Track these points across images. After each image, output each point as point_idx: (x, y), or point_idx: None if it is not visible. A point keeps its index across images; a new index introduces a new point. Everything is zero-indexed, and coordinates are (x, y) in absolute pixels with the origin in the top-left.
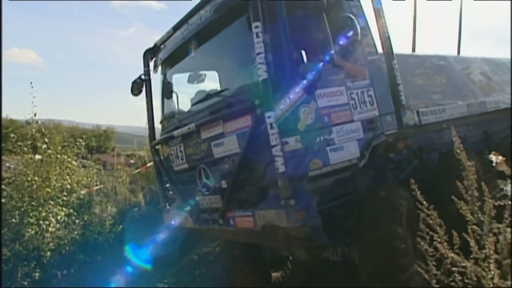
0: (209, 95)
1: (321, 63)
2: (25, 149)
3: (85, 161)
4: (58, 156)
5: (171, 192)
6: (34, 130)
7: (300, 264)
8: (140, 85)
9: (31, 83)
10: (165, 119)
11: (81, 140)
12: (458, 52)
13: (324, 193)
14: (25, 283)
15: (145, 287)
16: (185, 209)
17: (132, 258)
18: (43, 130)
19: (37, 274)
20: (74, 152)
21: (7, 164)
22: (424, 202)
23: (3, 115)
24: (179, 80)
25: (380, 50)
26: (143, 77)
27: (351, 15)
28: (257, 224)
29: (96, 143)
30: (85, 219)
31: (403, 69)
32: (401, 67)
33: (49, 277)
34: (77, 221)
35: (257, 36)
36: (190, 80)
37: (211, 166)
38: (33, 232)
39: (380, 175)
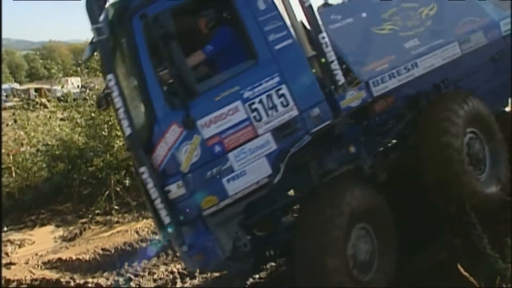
0: None
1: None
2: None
3: None
4: None
5: None
6: None
7: None
8: None
9: None
10: None
11: None
12: None
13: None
14: (118, 189)
15: None
16: None
17: None
18: None
19: (127, 181)
20: None
21: (92, 84)
22: None
23: None
24: None
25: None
26: None
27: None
28: None
29: None
30: None
31: (362, 20)
32: (359, 17)
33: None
34: None
35: (112, 90)
36: None
37: None
38: (121, 144)
39: (349, 152)
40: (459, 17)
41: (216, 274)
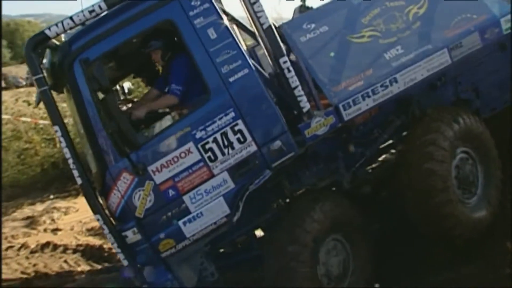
0: None
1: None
2: None
3: None
4: None
5: None
6: None
7: None
8: None
9: None
10: None
11: None
12: None
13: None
14: None
15: None
16: None
17: None
18: None
19: None
20: None
21: None
22: None
23: None
24: None
25: None
26: None
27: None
28: None
29: None
30: None
31: (338, 27)
32: (335, 24)
33: None
34: None
35: (60, 141)
36: None
37: None
38: None
39: (329, 165)
40: (453, 15)
41: None
